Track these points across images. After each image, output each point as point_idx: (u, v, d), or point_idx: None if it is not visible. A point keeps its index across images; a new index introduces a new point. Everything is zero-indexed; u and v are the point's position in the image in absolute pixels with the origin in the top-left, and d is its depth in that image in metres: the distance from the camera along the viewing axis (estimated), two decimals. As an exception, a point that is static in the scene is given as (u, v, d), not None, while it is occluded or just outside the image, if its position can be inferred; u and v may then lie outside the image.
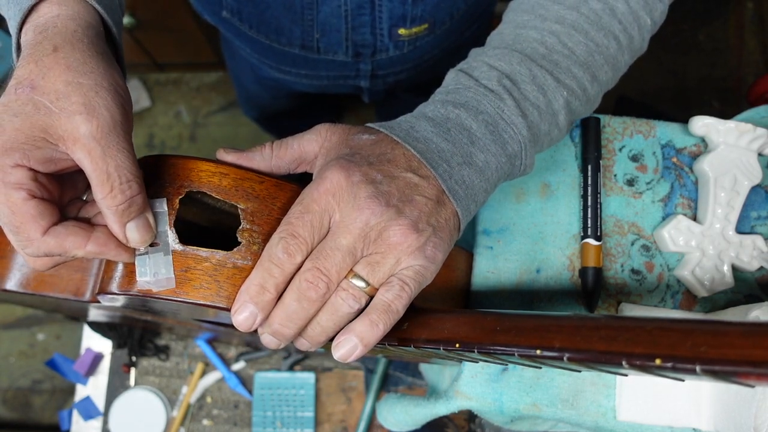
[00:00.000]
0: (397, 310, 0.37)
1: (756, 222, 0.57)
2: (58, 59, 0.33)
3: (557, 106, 0.45)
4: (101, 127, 0.33)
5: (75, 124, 0.32)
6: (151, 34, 1.64)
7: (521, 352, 0.31)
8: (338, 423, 0.91)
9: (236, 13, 0.73)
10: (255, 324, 0.36)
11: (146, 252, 0.37)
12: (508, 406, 0.51)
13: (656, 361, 0.24)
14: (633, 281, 0.55)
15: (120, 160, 0.33)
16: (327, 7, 0.68)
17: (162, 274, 0.36)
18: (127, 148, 0.34)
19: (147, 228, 0.36)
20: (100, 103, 0.33)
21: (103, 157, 0.33)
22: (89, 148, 0.33)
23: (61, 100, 0.32)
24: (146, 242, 0.36)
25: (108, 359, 0.95)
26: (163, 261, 0.37)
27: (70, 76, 0.33)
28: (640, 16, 0.48)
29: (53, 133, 0.33)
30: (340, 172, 0.36)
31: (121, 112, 0.34)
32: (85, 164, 0.33)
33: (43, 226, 0.33)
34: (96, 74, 0.34)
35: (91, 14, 0.37)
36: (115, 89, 0.34)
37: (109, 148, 0.33)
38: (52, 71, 0.33)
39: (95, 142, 0.33)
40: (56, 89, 0.33)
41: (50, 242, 0.34)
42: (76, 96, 0.33)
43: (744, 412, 0.46)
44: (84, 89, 0.33)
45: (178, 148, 1.88)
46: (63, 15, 0.36)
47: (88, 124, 0.32)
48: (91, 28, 0.36)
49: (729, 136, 0.55)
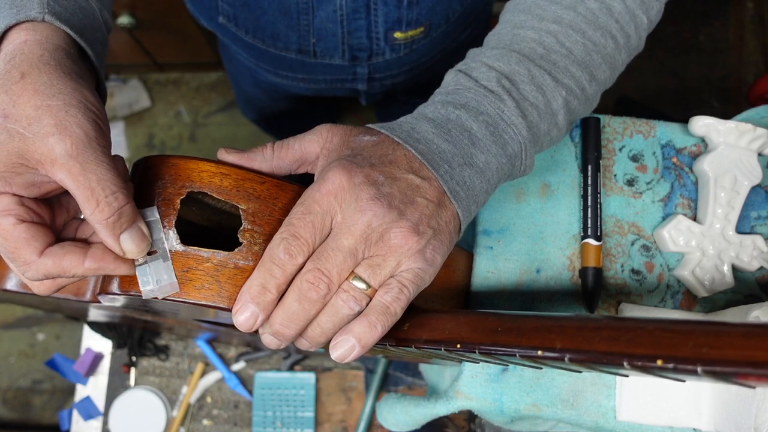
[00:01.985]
0: (395, 312, 0.37)
1: (756, 222, 0.57)
2: (26, 85, 0.33)
3: (556, 106, 0.45)
4: (75, 144, 0.33)
5: (50, 146, 0.32)
6: (151, 34, 1.64)
7: (522, 353, 0.31)
8: (338, 423, 0.91)
9: (232, 18, 0.73)
10: (256, 324, 0.36)
11: (145, 261, 0.36)
12: (508, 406, 0.51)
13: (658, 362, 0.24)
14: (633, 281, 0.55)
15: (101, 174, 0.33)
16: (323, 12, 0.68)
17: (164, 280, 0.36)
18: (105, 161, 0.34)
19: (141, 237, 0.35)
20: (71, 121, 0.33)
21: (83, 173, 0.33)
22: (68, 166, 0.32)
23: (33, 124, 0.32)
24: (143, 252, 0.36)
25: (108, 359, 0.95)
26: (164, 267, 0.37)
27: (39, 100, 0.33)
28: (636, 15, 0.48)
29: (30, 158, 0.33)
30: (343, 174, 0.36)
31: (94, 127, 0.34)
32: (67, 183, 0.33)
33: (37, 248, 0.33)
34: (64, 94, 0.34)
35: (59, 37, 0.37)
36: (85, 106, 0.34)
37: (87, 164, 0.33)
38: (21, 98, 0.33)
39: (73, 159, 0.32)
40: (27, 115, 0.33)
41: (47, 263, 0.34)
42: (47, 118, 0.33)
43: (744, 412, 0.46)
44: (53, 110, 0.33)
45: (178, 148, 1.88)
46: (30, 40, 0.36)
47: (62, 143, 0.32)
48: (59, 50, 0.36)
49: (729, 136, 0.55)
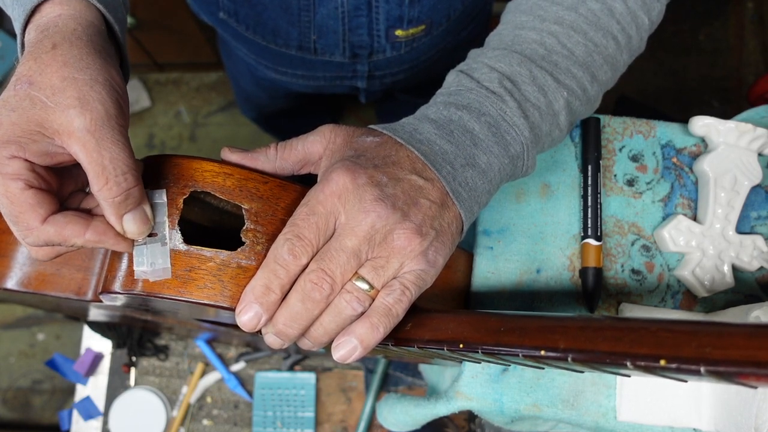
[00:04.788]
0: (397, 314, 0.37)
1: (756, 222, 0.57)
2: (55, 56, 0.34)
3: (558, 107, 0.45)
4: (95, 120, 0.33)
5: (69, 118, 0.33)
6: (151, 34, 1.64)
7: (525, 353, 0.31)
8: (338, 423, 0.91)
9: (233, 14, 0.73)
10: (259, 324, 0.36)
11: (144, 242, 0.37)
12: (508, 406, 0.51)
13: (661, 362, 0.24)
14: (633, 281, 0.55)
15: (115, 153, 0.33)
16: (324, 9, 0.68)
17: (159, 264, 0.37)
18: (122, 141, 0.34)
19: (144, 220, 0.36)
20: (94, 96, 0.33)
21: (97, 150, 0.33)
22: (84, 140, 0.33)
23: (56, 95, 0.33)
24: (143, 234, 0.36)
25: (108, 359, 0.95)
26: (160, 251, 0.37)
27: (66, 72, 0.33)
28: (638, 15, 0.48)
29: (48, 127, 0.33)
30: (346, 175, 0.36)
31: (116, 106, 0.34)
32: (81, 157, 0.33)
33: (41, 214, 0.34)
34: (92, 69, 0.34)
35: (92, 13, 0.37)
36: (110, 84, 0.34)
37: (103, 141, 0.33)
38: (50, 67, 0.33)
39: (89, 134, 0.33)
40: (52, 84, 0.33)
41: (49, 230, 0.34)
42: (71, 90, 0.33)
43: (744, 412, 0.46)
44: (79, 84, 0.33)
45: (178, 148, 1.88)
46: (64, 14, 0.36)
47: (81, 117, 0.33)
48: (92, 26, 0.37)
49: (729, 136, 0.55)
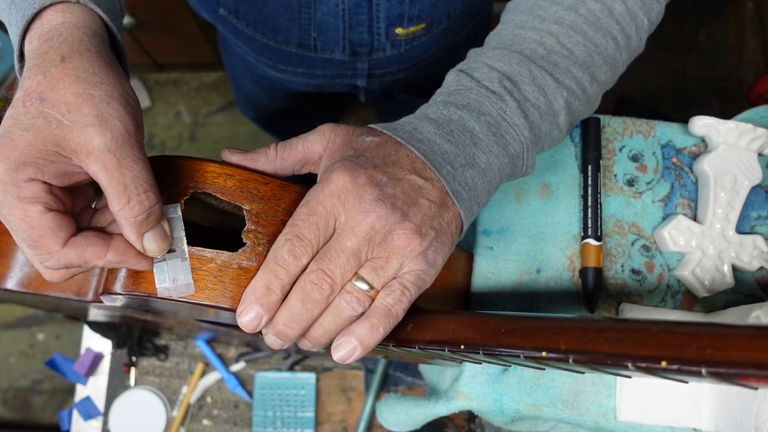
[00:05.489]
0: (397, 315, 0.37)
1: (756, 222, 0.57)
2: (66, 70, 0.32)
3: (557, 107, 0.45)
4: (115, 139, 0.32)
5: (88, 137, 0.32)
6: (151, 34, 1.64)
7: (527, 354, 0.31)
8: (338, 423, 0.91)
9: (233, 11, 0.73)
10: (260, 325, 0.36)
11: (164, 259, 0.36)
12: (508, 406, 0.51)
13: (662, 364, 0.24)
14: (633, 281, 0.55)
15: (136, 171, 0.33)
16: (324, 6, 0.68)
17: (181, 280, 0.36)
18: (141, 158, 0.33)
19: (164, 237, 0.35)
20: (113, 114, 0.32)
21: (119, 169, 0.32)
22: (104, 160, 0.32)
23: (72, 112, 0.32)
24: (163, 251, 0.36)
25: (108, 359, 0.95)
26: (181, 267, 0.36)
27: (81, 88, 0.32)
28: (637, 16, 0.48)
29: (66, 147, 0.32)
30: (346, 175, 0.36)
31: (134, 123, 0.33)
32: (101, 177, 0.32)
33: (62, 238, 0.33)
34: (106, 84, 0.33)
35: (95, 21, 0.36)
36: (126, 99, 0.34)
37: (124, 159, 0.32)
38: (62, 83, 0.32)
39: (110, 154, 0.32)
40: (67, 101, 0.32)
41: (71, 254, 0.33)
42: (88, 108, 0.32)
43: (745, 413, 0.46)
44: (95, 100, 0.32)
45: (178, 148, 1.88)
46: (68, 23, 0.35)
47: (101, 136, 0.32)
48: (97, 36, 0.36)
49: (729, 136, 0.55)
